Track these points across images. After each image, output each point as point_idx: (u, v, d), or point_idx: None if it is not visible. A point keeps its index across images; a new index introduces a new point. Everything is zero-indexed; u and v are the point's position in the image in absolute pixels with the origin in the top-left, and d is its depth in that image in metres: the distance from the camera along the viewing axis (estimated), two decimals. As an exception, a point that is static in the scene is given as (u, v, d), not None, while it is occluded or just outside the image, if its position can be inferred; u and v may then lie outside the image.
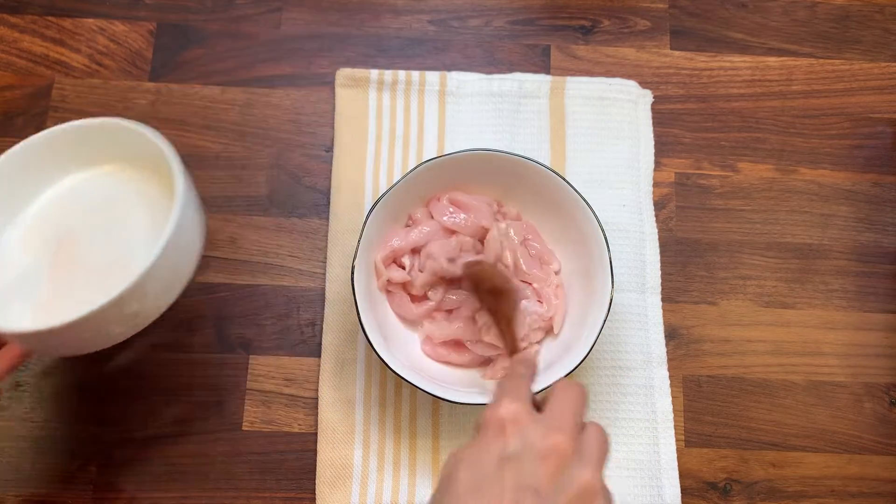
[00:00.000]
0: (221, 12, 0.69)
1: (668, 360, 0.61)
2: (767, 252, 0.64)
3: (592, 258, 0.56)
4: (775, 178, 0.66)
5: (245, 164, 0.65)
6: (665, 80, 0.68)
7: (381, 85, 0.66)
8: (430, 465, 0.58)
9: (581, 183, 0.64)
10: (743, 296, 0.63)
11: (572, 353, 0.54)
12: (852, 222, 0.65)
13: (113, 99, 0.66)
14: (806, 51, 0.70)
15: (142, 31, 0.68)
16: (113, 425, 0.58)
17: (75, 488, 0.57)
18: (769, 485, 0.59)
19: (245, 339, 0.61)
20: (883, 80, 0.69)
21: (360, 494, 0.57)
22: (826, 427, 0.61)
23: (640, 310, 0.62)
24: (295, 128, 0.66)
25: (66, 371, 0.59)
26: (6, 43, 0.67)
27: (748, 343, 0.62)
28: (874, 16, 0.71)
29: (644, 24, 0.70)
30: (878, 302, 0.64)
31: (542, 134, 0.66)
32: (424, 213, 0.60)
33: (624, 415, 0.60)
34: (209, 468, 0.58)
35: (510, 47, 0.69)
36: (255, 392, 0.60)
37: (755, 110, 0.68)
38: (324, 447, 0.58)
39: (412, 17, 0.69)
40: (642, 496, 0.58)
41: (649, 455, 0.59)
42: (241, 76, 0.67)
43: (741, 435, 0.60)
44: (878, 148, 0.67)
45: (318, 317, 0.61)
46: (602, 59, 0.69)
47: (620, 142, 0.66)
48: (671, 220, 0.65)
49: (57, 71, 0.66)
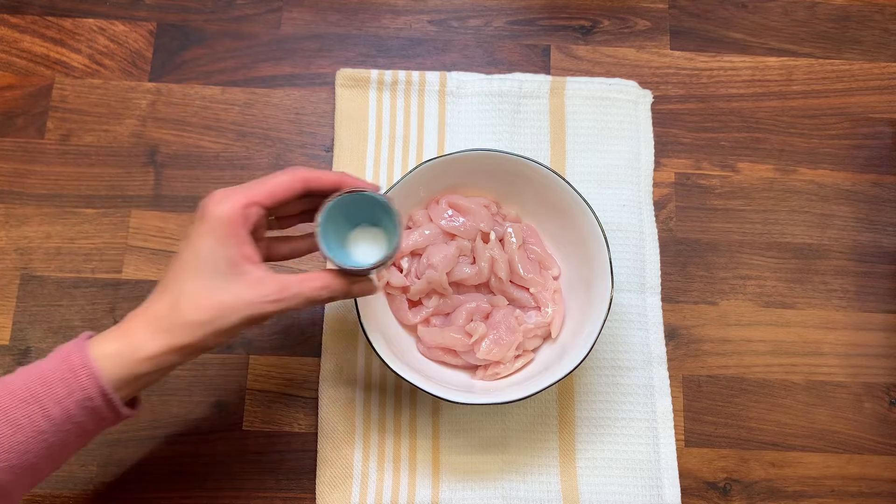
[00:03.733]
0: (221, 12, 0.69)
1: (668, 360, 0.61)
2: (767, 252, 0.64)
3: (592, 258, 0.56)
4: (775, 178, 0.66)
5: (245, 164, 0.65)
6: (665, 80, 0.68)
7: (381, 85, 0.66)
8: (430, 465, 0.58)
9: (581, 183, 0.64)
10: (743, 296, 0.63)
11: (572, 354, 0.54)
12: (852, 222, 0.65)
13: (113, 99, 0.66)
14: (806, 51, 0.70)
15: (142, 31, 0.68)
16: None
17: (75, 488, 0.57)
18: (769, 485, 0.59)
19: (245, 339, 0.61)
20: (883, 80, 0.69)
21: (360, 494, 0.57)
22: (826, 427, 0.61)
23: (640, 310, 0.62)
24: (295, 128, 0.66)
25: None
26: (6, 43, 0.67)
27: (748, 343, 0.62)
28: (874, 16, 0.71)
29: (644, 24, 0.70)
30: (878, 302, 0.64)
31: (542, 134, 0.66)
32: (424, 215, 0.60)
33: (624, 415, 0.60)
34: (209, 468, 0.58)
35: (510, 47, 0.69)
36: (255, 392, 0.60)
37: (755, 110, 0.68)
38: (324, 447, 0.58)
39: (412, 17, 0.69)
40: (642, 496, 0.58)
41: (649, 455, 0.59)
42: (241, 76, 0.67)
43: (741, 435, 0.60)
44: (878, 148, 0.67)
45: (318, 317, 0.61)
46: (602, 59, 0.69)
47: (620, 142, 0.66)
48: (671, 220, 0.65)
49: (57, 71, 0.66)
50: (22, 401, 0.41)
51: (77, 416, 0.42)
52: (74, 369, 0.42)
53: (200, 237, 0.44)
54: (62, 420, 0.42)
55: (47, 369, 0.42)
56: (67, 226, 0.63)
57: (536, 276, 0.59)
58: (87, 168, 0.64)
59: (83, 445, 0.45)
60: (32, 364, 0.43)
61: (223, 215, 0.44)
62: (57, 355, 0.43)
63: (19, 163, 0.64)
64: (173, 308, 0.44)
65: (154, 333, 0.43)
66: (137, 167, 0.64)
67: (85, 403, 0.42)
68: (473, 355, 0.57)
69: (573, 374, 0.60)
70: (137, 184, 0.64)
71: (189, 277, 0.44)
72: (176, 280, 0.44)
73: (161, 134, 0.65)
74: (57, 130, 0.65)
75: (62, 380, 0.42)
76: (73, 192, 0.63)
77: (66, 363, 0.42)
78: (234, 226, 0.44)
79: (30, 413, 0.41)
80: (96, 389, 0.42)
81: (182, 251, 0.45)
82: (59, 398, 0.42)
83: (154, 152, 0.65)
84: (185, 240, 0.45)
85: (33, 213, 0.63)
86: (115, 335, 0.44)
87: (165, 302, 0.44)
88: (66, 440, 0.43)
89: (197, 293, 0.44)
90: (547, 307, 0.58)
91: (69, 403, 0.42)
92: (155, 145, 0.65)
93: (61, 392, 0.42)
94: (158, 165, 0.64)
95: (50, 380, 0.42)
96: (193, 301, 0.44)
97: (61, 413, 0.42)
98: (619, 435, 0.59)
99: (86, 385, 0.42)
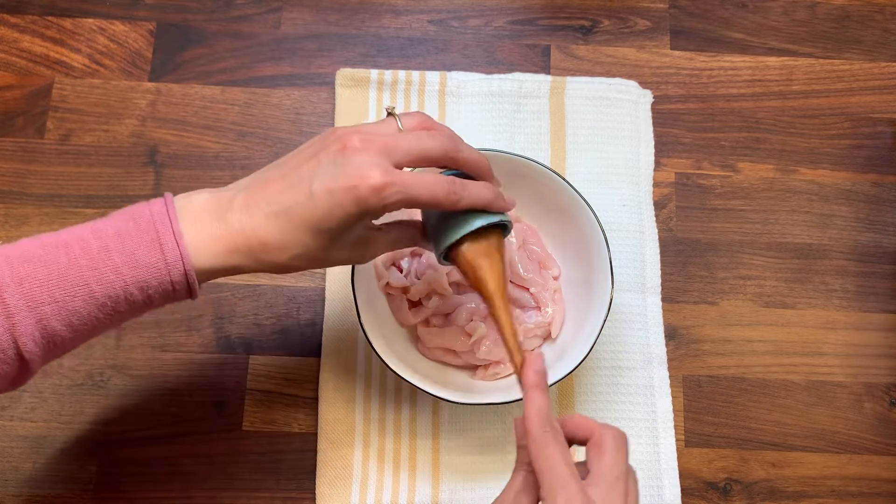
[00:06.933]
0: (221, 12, 0.69)
1: (668, 360, 0.61)
2: (767, 252, 0.64)
3: (592, 258, 0.56)
4: (775, 178, 0.66)
5: (245, 164, 0.65)
6: (665, 80, 0.68)
7: (381, 85, 0.66)
8: (430, 465, 0.58)
9: (581, 183, 0.64)
10: (743, 296, 0.63)
11: (572, 354, 0.54)
12: (852, 222, 0.65)
13: (113, 99, 0.66)
14: (806, 51, 0.70)
15: (142, 31, 0.68)
16: (113, 425, 0.58)
17: (75, 488, 0.57)
18: (769, 485, 0.59)
19: (245, 339, 0.61)
20: (883, 80, 0.69)
21: (360, 494, 0.57)
22: (826, 427, 0.61)
23: (640, 310, 0.62)
24: (295, 128, 0.66)
25: (67, 371, 0.59)
26: (6, 43, 0.67)
27: (748, 343, 0.62)
28: (874, 16, 0.71)
29: (644, 24, 0.70)
30: (878, 302, 0.64)
31: (542, 134, 0.66)
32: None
33: (624, 415, 0.60)
34: (209, 468, 0.58)
35: (510, 47, 0.69)
36: (255, 392, 0.60)
37: (755, 110, 0.68)
38: (324, 447, 0.58)
39: (412, 17, 0.69)
40: (642, 496, 0.58)
41: (649, 455, 0.59)
42: (241, 76, 0.67)
43: (741, 435, 0.60)
44: (878, 148, 0.67)
45: (318, 317, 0.61)
46: (602, 59, 0.69)
47: (620, 142, 0.66)
48: (671, 220, 0.65)
49: (57, 71, 0.66)
50: (105, 276, 0.40)
51: (157, 302, 0.42)
52: (169, 265, 0.41)
53: (342, 206, 0.41)
54: (141, 303, 0.42)
55: (141, 253, 0.41)
56: (67, 226, 0.62)
57: (536, 276, 0.59)
58: (86, 168, 0.64)
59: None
60: (124, 231, 0.41)
61: (378, 207, 0.41)
62: (150, 237, 0.41)
63: (19, 163, 0.64)
64: (267, 249, 0.42)
65: (238, 255, 0.42)
66: (137, 167, 0.64)
67: (168, 295, 0.42)
68: (473, 355, 0.57)
69: (573, 374, 0.60)
70: (137, 184, 0.64)
71: (307, 237, 0.42)
72: (291, 225, 0.41)
73: (161, 134, 0.65)
74: (57, 130, 0.65)
75: (153, 267, 0.41)
76: (73, 192, 0.63)
77: (161, 251, 0.41)
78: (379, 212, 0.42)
79: (112, 293, 0.40)
80: (184, 288, 0.42)
81: (314, 193, 0.41)
82: (145, 285, 0.41)
83: (154, 152, 0.65)
84: (323, 184, 0.41)
85: (33, 213, 0.63)
86: (208, 237, 0.42)
87: (266, 239, 0.42)
88: (133, 314, 0.43)
89: (306, 253, 0.42)
90: (547, 307, 0.58)
91: (153, 293, 0.41)
92: (155, 145, 0.65)
93: (152, 282, 0.41)
94: (158, 165, 0.64)
95: (142, 263, 0.41)
96: (296, 258, 0.42)
97: (143, 299, 0.41)
98: (619, 435, 0.59)
99: (176, 279, 0.41)
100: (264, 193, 0.42)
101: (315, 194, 0.41)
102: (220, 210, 0.42)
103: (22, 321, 0.39)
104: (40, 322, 0.40)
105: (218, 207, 0.42)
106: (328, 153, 0.42)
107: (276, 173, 0.43)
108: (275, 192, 0.42)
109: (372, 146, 0.42)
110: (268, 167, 0.45)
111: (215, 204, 0.43)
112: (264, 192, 0.42)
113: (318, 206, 0.41)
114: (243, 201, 0.42)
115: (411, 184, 0.41)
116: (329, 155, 0.42)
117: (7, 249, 0.41)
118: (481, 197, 0.45)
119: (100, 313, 0.41)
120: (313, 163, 0.42)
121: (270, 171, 0.44)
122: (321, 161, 0.42)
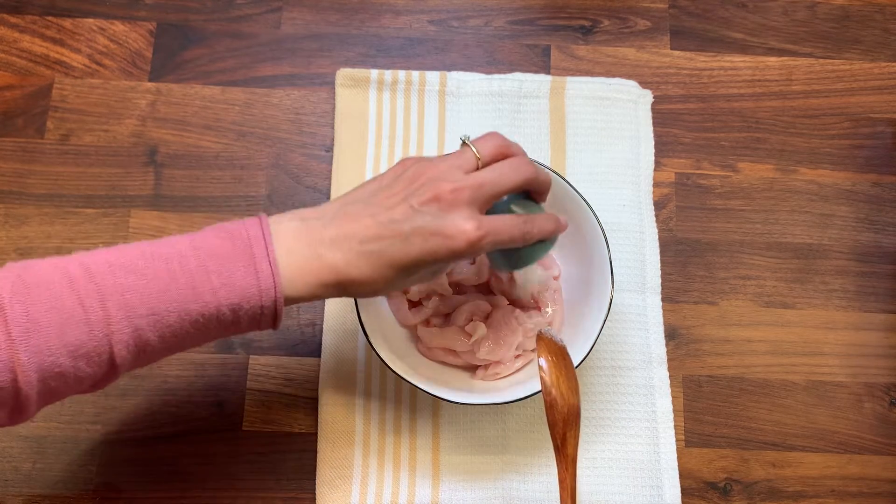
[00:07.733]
0: (221, 12, 0.69)
1: (668, 360, 0.61)
2: (767, 252, 0.64)
3: (592, 258, 0.56)
4: (775, 178, 0.66)
5: (245, 164, 0.65)
6: (665, 80, 0.68)
7: (381, 85, 0.66)
8: (430, 465, 0.58)
9: (581, 183, 0.64)
10: (743, 296, 0.63)
11: (572, 354, 0.54)
12: (852, 222, 0.65)
13: (113, 99, 0.66)
14: (806, 51, 0.70)
15: (142, 31, 0.68)
16: (113, 425, 0.58)
17: (75, 488, 0.57)
18: (769, 485, 0.59)
19: (245, 339, 0.61)
20: (883, 80, 0.69)
21: (359, 494, 0.57)
22: (826, 427, 0.61)
23: (640, 310, 0.62)
24: (295, 128, 0.66)
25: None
26: (6, 43, 0.67)
27: (748, 343, 0.62)
28: (874, 16, 0.71)
29: (644, 24, 0.70)
30: (878, 302, 0.64)
31: (542, 134, 0.66)
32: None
33: (624, 415, 0.60)
34: (209, 468, 0.58)
35: (510, 47, 0.69)
36: (255, 392, 0.60)
37: (755, 110, 0.68)
38: (324, 447, 0.58)
39: (412, 17, 0.69)
40: (642, 496, 0.58)
41: (649, 455, 0.59)
42: (241, 76, 0.67)
43: (741, 435, 0.60)
44: (878, 148, 0.67)
45: (318, 317, 0.61)
46: (602, 59, 0.69)
47: (620, 142, 0.66)
48: (671, 220, 0.65)
49: (57, 71, 0.66)
50: (202, 297, 0.42)
51: (244, 325, 0.44)
52: (262, 290, 0.42)
53: (434, 255, 0.44)
54: (230, 324, 0.43)
55: (238, 276, 0.42)
56: (67, 226, 0.63)
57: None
58: (86, 168, 0.64)
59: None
60: (221, 252, 0.43)
61: (471, 255, 0.45)
62: (246, 260, 0.43)
63: (19, 163, 0.64)
64: (356, 284, 0.45)
65: (326, 288, 0.44)
66: (137, 167, 0.64)
67: (254, 320, 0.43)
68: (473, 355, 0.57)
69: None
70: (137, 184, 0.64)
71: (394, 274, 0.45)
72: (381, 264, 0.44)
73: (161, 134, 0.65)
74: (57, 130, 0.65)
75: (247, 291, 0.42)
76: (73, 192, 0.63)
77: (256, 277, 0.42)
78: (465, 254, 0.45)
79: (207, 312, 0.42)
80: (271, 314, 0.44)
81: (409, 240, 0.44)
82: (237, 307, 0.42)
83: (154, 152, 0.65)
84: (416, 229, 0.44)
85: (33, 213, 0.63)
86: (299, 269, 0.44)
87: (356, 276, 0.44)
88: (221, 334, 0.44)
89: (389, 286, 0.46)
90: (547, 307, 0.58)
91: (243, 315, 0.43)
92: (155, 145, 0.65)
93: (244, 305, 0.42)
94: (158, 165, 0.64)
95: (238, 286, 0.42)
96: (379, 290, 0.46)
97: (233, 320, 0.43)
98: (619, 435, 0.59)
99: (266, 305, 0.43)
100: (354, 230, 0.44)
101: (410, 241, 0.44)
102: (312, 242, 0.44)
103: (120, 330, 0.40)
104: (136, 332, 0.41)
105: (310, 238, 0.44)
106: (420, 200, 0.44)
107: (363, 210, 0.45)
108: (364, 229, 0.44)
109: (462, 197, 0.44)
110: (353, 197, 0.47)
111: (307, 234, 0.44)
112: (354, 228, 0.44)
113: (411, 252, 0.44)
114: (334, 235, 0.44)
115: (497, 231, 0.45)
116: (421, 203, 0.44)
117: (109, 255, 0.42)
118: (547, 231, 0.49)
119: (191, 329, 0.42)
120: (405, 208, 0.44)
121: (357, 204, 0.46)
122: (414, 208, 0.44)
